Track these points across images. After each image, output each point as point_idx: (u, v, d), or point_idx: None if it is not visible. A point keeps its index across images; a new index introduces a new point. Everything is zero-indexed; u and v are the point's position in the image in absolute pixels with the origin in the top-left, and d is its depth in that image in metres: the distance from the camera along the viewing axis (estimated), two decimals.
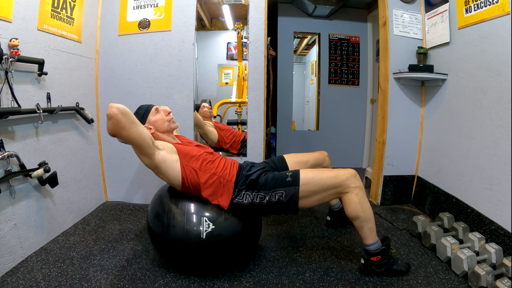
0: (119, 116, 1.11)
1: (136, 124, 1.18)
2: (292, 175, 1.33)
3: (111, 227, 1.85)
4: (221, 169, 1.38)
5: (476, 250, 1.47)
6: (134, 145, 1.23)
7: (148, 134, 1.23)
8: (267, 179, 1.36)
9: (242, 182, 1.36)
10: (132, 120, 1.16)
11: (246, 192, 1.34)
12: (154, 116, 1.45)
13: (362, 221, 1.31)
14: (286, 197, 1.30)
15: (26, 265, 1.42)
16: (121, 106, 1.12)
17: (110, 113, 1.11)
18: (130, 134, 1.16)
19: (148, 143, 1.22)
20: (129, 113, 1.16)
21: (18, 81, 1.44)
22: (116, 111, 1.10)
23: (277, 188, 1.32)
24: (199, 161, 1.35)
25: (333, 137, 3.50)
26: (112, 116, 1.11)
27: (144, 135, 1.20)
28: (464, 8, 1.75)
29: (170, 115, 1.49)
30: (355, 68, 3.44)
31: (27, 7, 1.50)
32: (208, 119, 2.34)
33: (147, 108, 1.47)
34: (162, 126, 1.45)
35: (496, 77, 1.55)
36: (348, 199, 1.30)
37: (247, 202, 1.33)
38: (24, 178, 1.49)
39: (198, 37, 2.15)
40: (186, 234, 1.28)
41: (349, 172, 1.31)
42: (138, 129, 1.18)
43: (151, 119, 1.44)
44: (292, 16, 3.35)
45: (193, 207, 1.34)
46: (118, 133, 1.16)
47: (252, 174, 1.38)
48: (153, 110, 1.46)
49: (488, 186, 1.60)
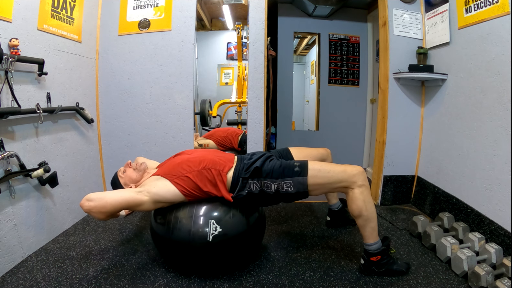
0: (92, 204, 1.18)
1: (106, 195, 1.23)
2: (300, 165, 1.32)
3: (111, 227, 1.85)
4: (209, 161, 1.36)
5: (476, 250, 1.47)
6: (126, 208, 1.27)
7: (125, 190, 1.31)
8: (274, 166, 1.34)
9: (246, 171, 1.34)
10: (100, 197, 1.21)
11: (253, 181, 1.33)
12: (122, 177, 1.48)
13: (365, 220, 1.31)
14: (294, 188, 1.30)
15: (26, 265, 1.42)
16: (87, 196, 1.19)
17: (85, 209, 1.18)
18: (111, 205, 1.20)
19: (129, 195, 1.26)
20: (95, 195, 1.21)
21: (18, 81, 1.44)
22: (86, 203, 1.18)
23: (284, 177, 1.31)
24: (182, 166, 1.35)
25: (333, 137, 3.50)
26: (89, 209, 1.18)
27: (120, 195, 1.25)
28: (464, 8, 1.75)
29: (133, 164, 1.51)
30: (355, 68, 3.43)
31: (27, 7, 1.50)
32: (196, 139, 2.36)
33: (114, 178, 1.51)
34: (135, 177, 1.46)
35: (496, 77, 1.55)
36: (353, 196, 1.30)
37: (256, 190, 1.32)
38: (24, 178, 1.49)
39: (198, 37, 2.15)
40: (191, 236, 1.27)
41: (357, 169, 1.31)
42: (111, 197, 1.23)
43: (123, 182, 1.47)
44: (292, 16, 3.34)
45: (200, 209, 1.33)
46: (106, 213, 1.21)
47: (255, 161, 1.37)
48: (119, 174, 1.50)
49: (488, 186, 1.60)
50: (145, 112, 2.18)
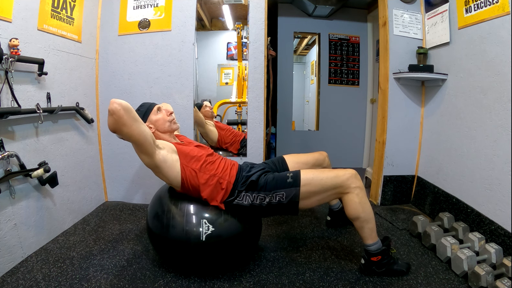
0: (121, 113, 1.08)
1: (138, 122, 1.16)
2: (292, 176, 1.33)
3: (111, 227, 1.85)
4: (221, 170, 1.38)
5: (476, 250, 1.47)
6: (134, 143, 1.20)
7: (149, 132, 1.22)
8: (267, 180, 1.36)
9: (242, 183, 1.35)
10: (134, 118, 1.14)
11: (246, 193, 1.34)
12: (156, 115, 1.44)
13: (363, 222, 1.31)
14: (287, 198, 1.30)
15: (26, 265, 1.42)
16: (123, 102, 1.10)
17: (112, 109, 1.08)
18: (131, 131, 1.13)
19: (149, 141, 1.20)
20: (132, 110, 1.13)
21: (18, 81, 1.44)
22: (118, 107, 1.08)
23: (277, 189, 1.32)
24: (199, 162, 1.35)
25: (333, 137, 3.50)
26: (114, 112, 1.08)
27: (145, 134, 1.18)
28: (464, 8, 1.75)
29: (172, 116, 1.48)
30: (355, 68, 3.44)
31: (27, 7, 1.50)
32: (209, 119, 2.34)
33: (149, 106, 1.46)
34: (163, 126, 1.44)
35: (496, 77, 1.55)
36: (349, 200, 1.30)
37: (247, 203, 1.33)
38: (24, 178, 1.49)
39: (198, 37, 2.15)
40: (185, 235, 1.27)
41: (349, 172, 1.30)
42: (139, 127, 1.16)
43: (152, 118, 1.43)
44: (292, 16, 3.35)
45: (193, 208, 1.33)
46: (119, 130, 1.13)
47: (252, 175, 1.38)
48: (155, 109, 1.45)
49: (488, 186, 1.60)
50: None
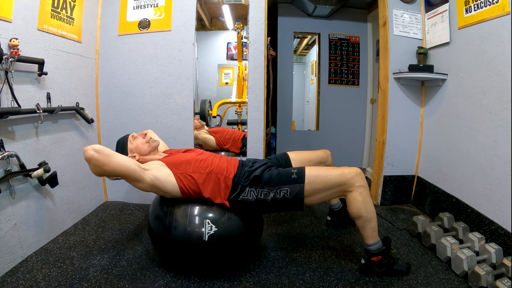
0: (96, 156, 1.16)
1: (114, 156, 1.21)
2: (297, 172, 1.33)
3: (111, 227, 1.85)
4: (216, 166, 1.38)
5: (476, 250, 1.47)
6: (122, 176, 1.25)
7: (130, 160, 1.27)
8: (272, 175, 1.35)
9: (245, 178, 1.35)
10: (108, 154, 1.20)
11: (250, 189, 1.33)
12: (132, 143, 1.47)
13: (365, 221, 1.31)
14: (291, 194, 1.30)
15: (26, 265, 1.42)
16: (94, 145, 1.18)
17: (87, 156, 1.16)
18: (113, 167, 1.19)
19: (133, 168, 1.24)
20: (103, 148, 1.19)
21: (18, 81, 1.44)
22: (91, 152, 1.16)
23: (282, 185, 1.32)
24: (190, 164, 1.36)
25: (333, 137, 3.50)
26: (90, 158, 1.16)
27: (126, 163, 1.23)
28: (464, 8, 1.75)
29: (148, 136, 1.51)
30: (355, 68, 3.43)
31: (27, 7, 1.50)
32: (200, 129, 2.35)
33: (123, 139, 1.50)
34: (144, 149, 1.46)
35: (496, 77, 1.55)
36: (352, 198, 1.30)
37: (252, 198, 1.33)
38: (24, 178, 1.49)
39: (198, 37, 2.15)
40: (188, 236, 1.27)
41: (354, 170, 1.30)
42: (117, 160, 1.21)
43: (130, 147, 1.46)
44: (292, 16, 3.34)
45: (196, 208, 1.33)
46: (102, 171, 1.20)
47: (255, 170, 1.38)
48: (129, 138, 1.48)
49: (488, 186, 1.60)
50: (145, 112, 2.18)
